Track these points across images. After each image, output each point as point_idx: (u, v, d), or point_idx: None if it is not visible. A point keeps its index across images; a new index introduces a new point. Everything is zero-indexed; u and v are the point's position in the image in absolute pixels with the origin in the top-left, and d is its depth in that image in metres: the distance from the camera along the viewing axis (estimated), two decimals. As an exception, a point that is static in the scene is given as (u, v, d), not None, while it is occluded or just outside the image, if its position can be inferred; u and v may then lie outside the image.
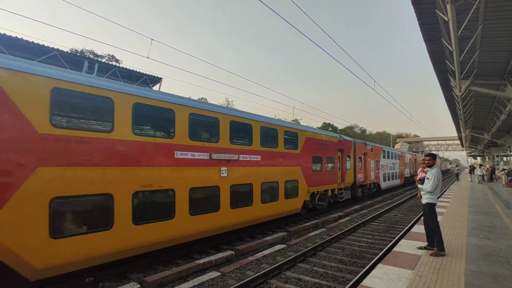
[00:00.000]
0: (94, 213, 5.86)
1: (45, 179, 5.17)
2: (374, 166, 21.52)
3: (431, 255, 6.05)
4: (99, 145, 5.92)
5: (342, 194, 16.28)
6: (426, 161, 6.31)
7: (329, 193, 14.81)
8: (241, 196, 9.21)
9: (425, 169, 6.55)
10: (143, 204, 6.61)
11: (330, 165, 14.68)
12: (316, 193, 13.60)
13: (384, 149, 24.99)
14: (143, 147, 6.67)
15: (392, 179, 26.80)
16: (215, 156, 8.36)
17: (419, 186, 6.45)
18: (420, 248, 6.49)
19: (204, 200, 8.08)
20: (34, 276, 5.13)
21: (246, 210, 9.39)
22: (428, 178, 6.14)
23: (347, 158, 16.88)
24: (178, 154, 7.44)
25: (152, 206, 6.86)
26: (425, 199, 6.21)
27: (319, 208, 14.30)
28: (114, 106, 6.23)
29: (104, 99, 6.11)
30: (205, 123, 8.42)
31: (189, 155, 7.71)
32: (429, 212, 6.15)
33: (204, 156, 8.08)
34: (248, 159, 9.59)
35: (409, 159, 33.53)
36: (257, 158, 9.95)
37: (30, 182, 5.00)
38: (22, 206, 4.90)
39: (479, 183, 26.42)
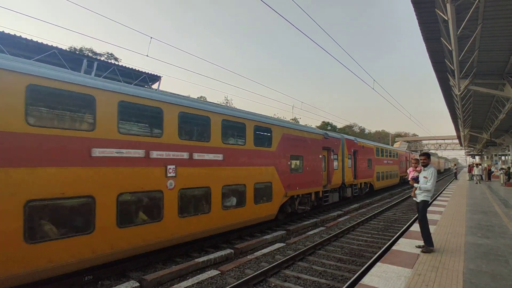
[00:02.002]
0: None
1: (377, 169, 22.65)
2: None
3: (422, 251, 6.18)
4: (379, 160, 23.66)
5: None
6: (422, 161, 6.35)
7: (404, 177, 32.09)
8: (386, 176, 25.02)
9: (417, 168, 6.60)
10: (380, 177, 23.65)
11: (403, 164, 32.86)
12: (400, 177, 30.68)
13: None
14: (376, 159, 22.92)
15: None
16: (385, 161, 25.04)
17: (415, 184, 6.45)
18: (419, 247, 6.53)
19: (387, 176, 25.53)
20: (375, 188, 22.32)
21: (388, 180, 25.83)
22: (425, 177, 6.21)
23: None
24: (384, 162, 24.68)
25: (384, 177, 24.58)
26: (422, 197, 6.29)
27: (401, 182, 31.56)
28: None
29: (371, 151, 22.17)
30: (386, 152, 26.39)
31: (384, 161, 24.91)
32: (423, 209, 6.27)
33: (390, 161, 26.54)
34: (386, 162, 25.25)
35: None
36: (391, 162, 26.39)
37: (375, 169, 22.31)
38: (375, 176, 22.23)
39: (476, 183, 26.45)
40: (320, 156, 13.84)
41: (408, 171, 7.00)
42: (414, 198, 6.57)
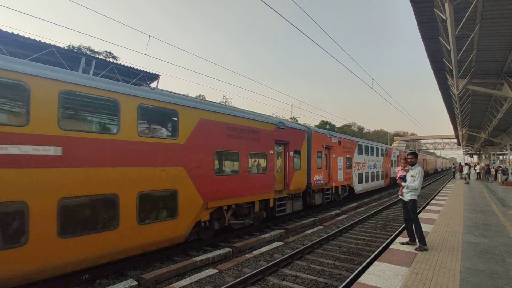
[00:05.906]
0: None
1: None
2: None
3: (416, 249, 6.25)
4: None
5: None
6: (409, 160, 6.44)
7: None
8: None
9: (405, 167, 6.67)
10: None
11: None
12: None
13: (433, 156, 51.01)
14: None
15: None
16: None
17: (403, 183, 6.53)
18: (403, 243, 6.67)
19: None
20: None
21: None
22: (413, 176, 6.32)
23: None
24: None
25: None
26: (409, 196, 6.39)
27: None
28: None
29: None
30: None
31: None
32: (413, 208, 6.35)
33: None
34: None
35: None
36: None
37: None
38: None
39: (466, 182, 26.51)
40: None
41: (396, 170, 7.08)
42: (400, 197, 6.67)
